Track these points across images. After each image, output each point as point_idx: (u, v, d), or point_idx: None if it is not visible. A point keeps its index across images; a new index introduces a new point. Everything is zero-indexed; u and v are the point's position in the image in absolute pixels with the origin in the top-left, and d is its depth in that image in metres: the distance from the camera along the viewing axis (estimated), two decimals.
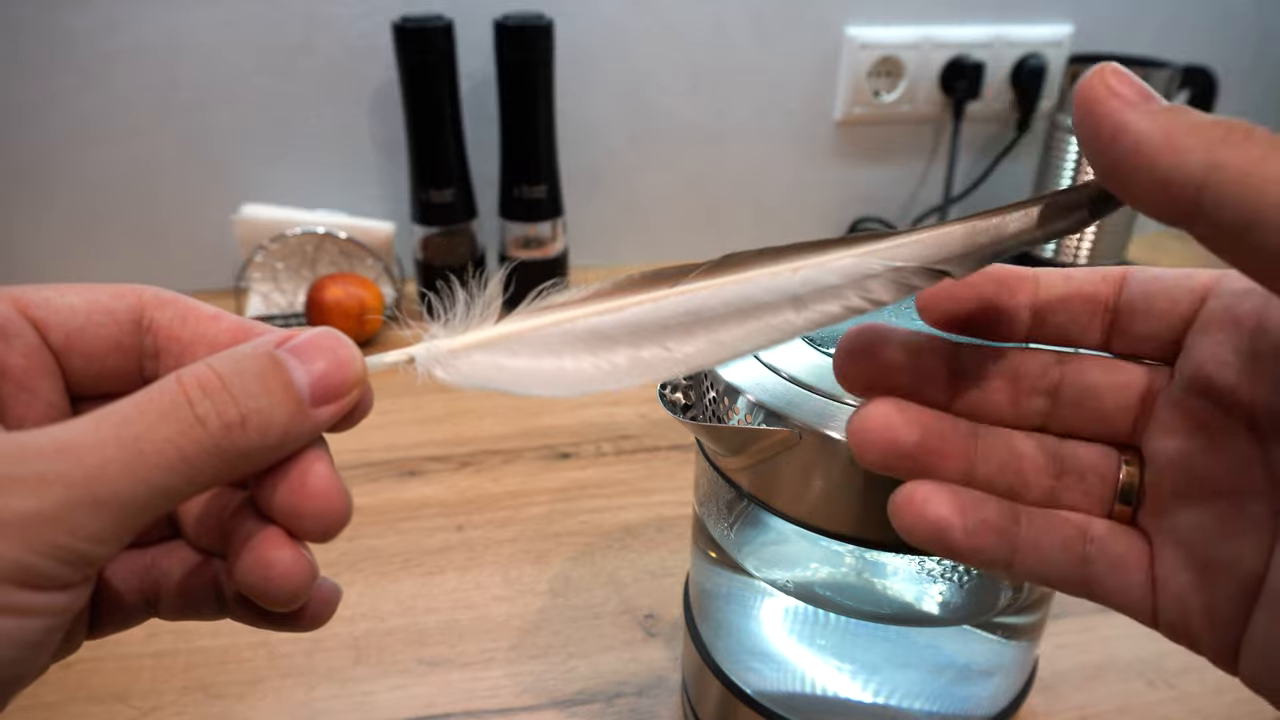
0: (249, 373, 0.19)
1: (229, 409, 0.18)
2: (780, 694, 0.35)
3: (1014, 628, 0.34)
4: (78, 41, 0.74)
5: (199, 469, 0.18)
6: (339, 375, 0.20)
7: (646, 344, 0.22)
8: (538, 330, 0.23)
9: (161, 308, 0.22)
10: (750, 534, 0.34)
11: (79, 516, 0.17)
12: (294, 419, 0.19)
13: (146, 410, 0.18)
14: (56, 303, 0.21)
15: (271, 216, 0.78)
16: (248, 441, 0.19)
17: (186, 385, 0.18)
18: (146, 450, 0.17)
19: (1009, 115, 0.92)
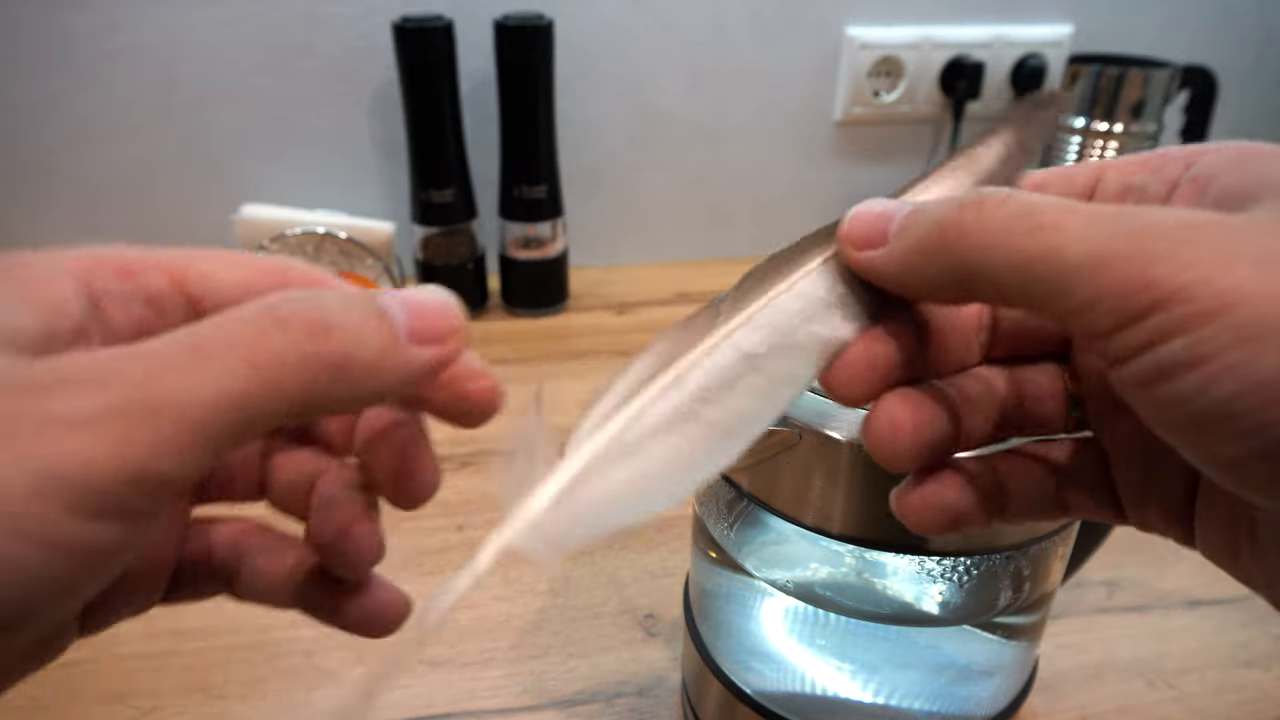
0: (340, 295, 0.18)
1: (313, 314, 0.17)
2: (780, 694, 0.35)
3: (1014, 628, 0.33)
4: (77, 41, 0.74)
5: (275, 379, 0.16)
6: (438, 320, 0.19)
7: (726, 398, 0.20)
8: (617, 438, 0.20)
9: (311, 286, 0.21)
10: (750, 534, 0.34)
11: (140, 425, 0.14)
12: (387, 347, 0.18)
13: (227, 318, 0.16)
14: (212, 279, 0.20)
15: (271, 216, 0.78)
16: (331, 352, 0.17)
17: (270, 296, 0.17)
18: (213, 354, 0.15)
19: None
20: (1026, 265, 0.16)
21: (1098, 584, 0.50)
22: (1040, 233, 0.16)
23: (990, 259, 0.17)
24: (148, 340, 0.16)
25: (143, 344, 0.16)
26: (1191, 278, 0.15)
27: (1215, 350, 0.15)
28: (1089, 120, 0.80)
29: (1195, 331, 0.15)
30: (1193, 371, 0.15)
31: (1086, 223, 0.16)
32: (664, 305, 0.84)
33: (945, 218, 0.18)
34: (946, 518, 0.21)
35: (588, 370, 0.73)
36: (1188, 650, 0.46)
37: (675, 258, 0.94)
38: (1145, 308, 0.15)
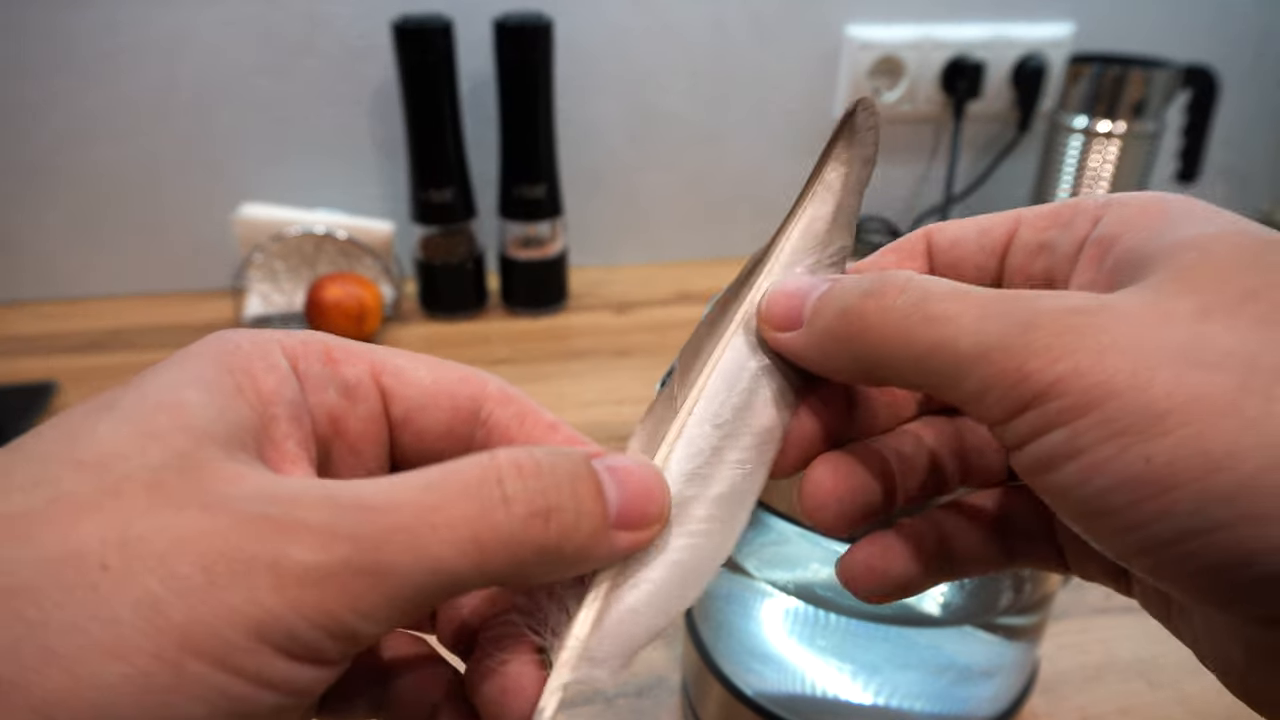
0: (563, 470, 0.17)
1: (538, 498, 0.17)
2: (781, 695, 0.34)
3: (1015, 628, 0.33)
4: (79, 41, 0.74)
5: (489, 559, 0.16)
6: (647, 505, 0.19)
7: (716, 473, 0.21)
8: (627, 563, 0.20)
9: (503, 404, 0.21)
10: (750, 535, 0.34)
11: (356, 584, 0.15)
12: (597, 534, 0.18)
13: (451, 479, 0.16)
14: (408, 375, 0.20)
15: (271, 216, 0.78)
16: (546, 539, 0.17)
17: (500, 462, 0.17)
18: (439, 524, 0.16)
19: (1009, 115, 0.92)
20: (922, 356, 0.17)
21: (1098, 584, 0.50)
22: (934, 324, 0.17)
23: (890, 349, 0.17)
24: (376, 482, 0.16)
25: (373, 489, 0.16)
26: (1065, 369, 0.15)
27: (1089, 443, 0.15)
28: (1090, 120, 0.79)
29: (1072, 424, 0.15)
30: (1071, 463, 0.15)
31: (977, 313, 0.16)
32: (664, 305, 0.84)
33: (850, 308, 0.18)
34: (890, 584, 0.21)
35: (587, 370, 0.72)
36: (1188, 651, 0.46)
37: (675, 258, 0.94)
38: (1028, 399, 0.15)
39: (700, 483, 0.21)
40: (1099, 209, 0.19)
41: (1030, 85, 0.89)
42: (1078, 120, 0.80)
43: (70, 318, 0.80)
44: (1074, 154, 0.81)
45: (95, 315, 0.80)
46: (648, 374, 0.72)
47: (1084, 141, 0.80)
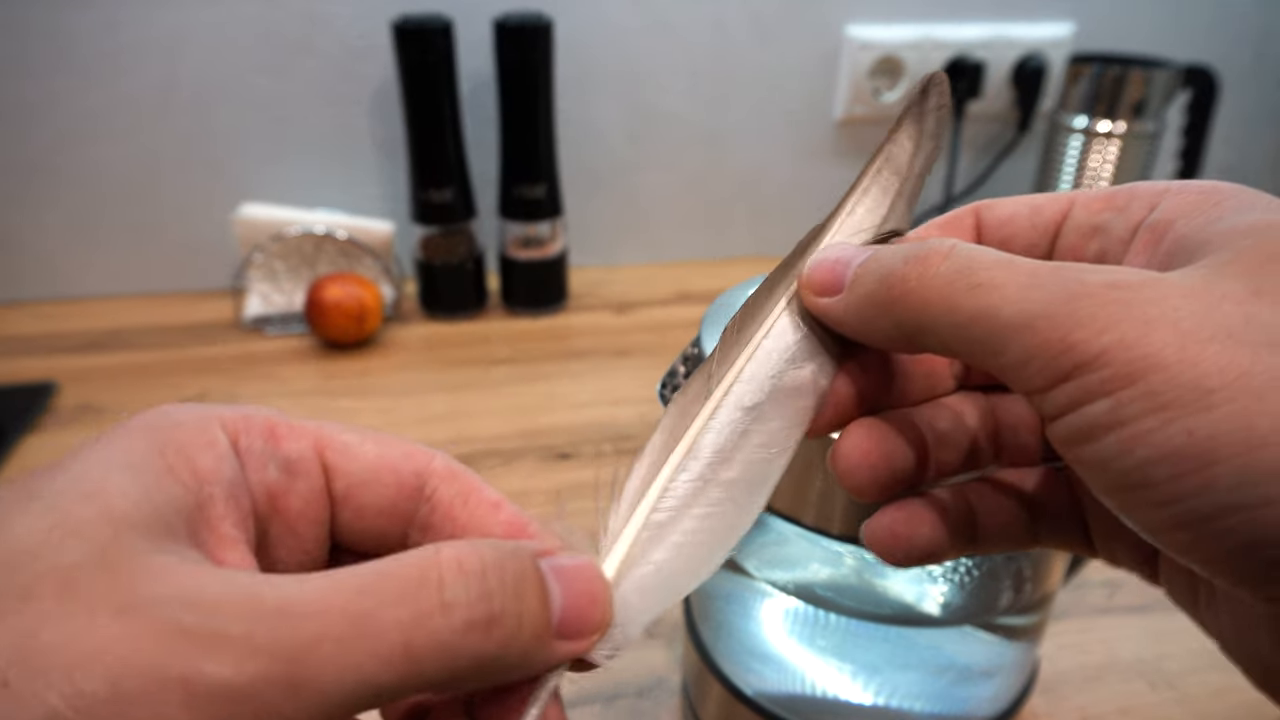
0: (509, 571, 0.17)
1: (480, 605, 0.16)
2: (781, 695, 0.34)
3: (1015, 628, 0.33)
4: (78, 41, 0.74)
5: (421, 669, 0.15)
6: (590, 611, 0.18)
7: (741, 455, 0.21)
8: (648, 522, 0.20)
9: (448, 481, 0.20)
10: (750, 535, 0.33)
11: (276, 699, 0.14)
12: (537, 641, 0.17)
13: (388, 581, 0.16)
14: (353, 450, 0.20)
15: (271, 216, 0.78)
16: (485, 650, 0.16)
17: (444, 561, 0.16)
18: (370, 633, 0.15)
19: (1009, 115, 0.92)
20: (965, 324, 0.17)
21: (1099, 584, 0.50)
22: (978, 291, 0.17)
23: (931, 316, 0.17)
24: (308, 582, 0.15)
25: (302, 591, 0.15)
26: (1110, 341, 0.15)
27: (1132, 415, 0.15)
28: (1090, 120, 0.79)
29: (1115, 394, 0.15)
30: (1111, 434, 0.15)
31: (1023, 282, 0.16)
32: (664, 305, 0.84)
33: (892, 273, 0.18)
34: (914, 550, 0.21)
35: (587, 370, 0.72)
36: (1189, 651, 0.46)
37: (675, 258, 0.94)
38: (1070, 369, 0.15)
39: (726, 466, 0.21)
40: (1155, 194, 0.19)
41: (1030, 85, 0.89)
42: (1078, 120, 0.80)
43: (70, 318, 0.80)
44: (1074, 154, 0.81)
45: (95, 315, 0.80)
46: (647, 374, 0.72)
47: (1084, 141, 0.80)
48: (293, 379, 0.70)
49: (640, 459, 0.21)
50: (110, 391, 0.68)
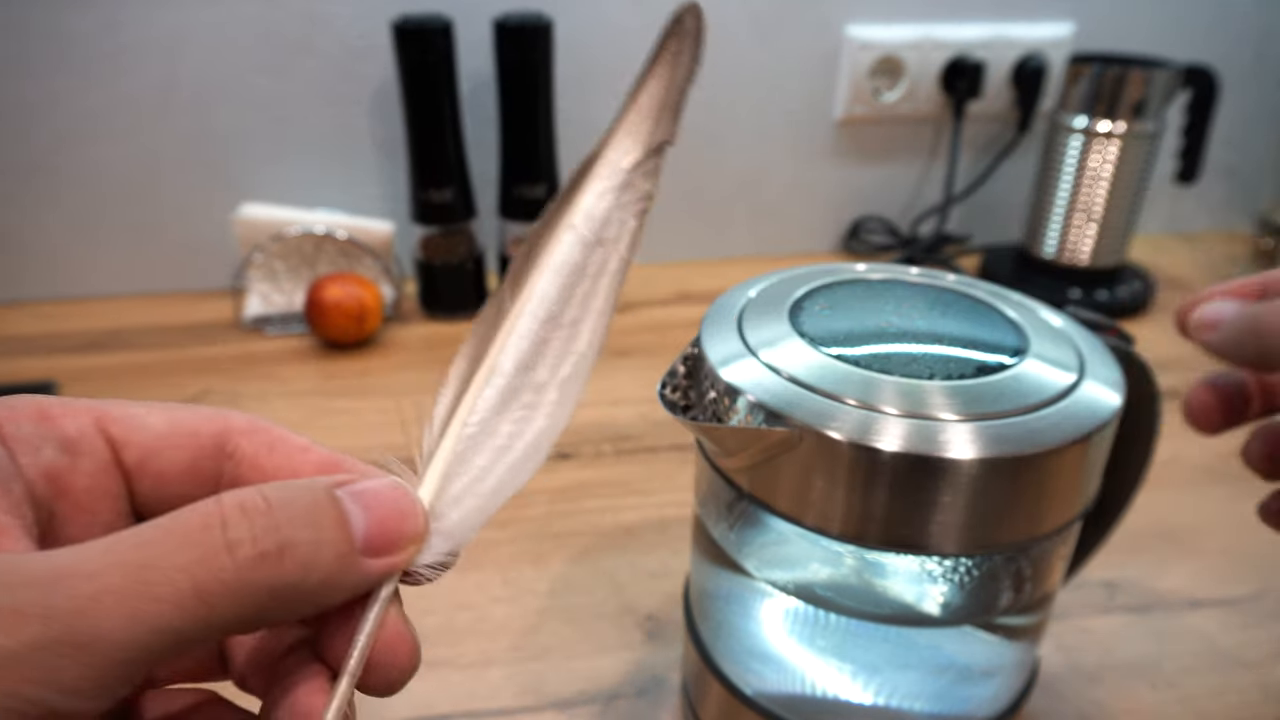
0: (299, 503, 0.17)
1: (267, 536, 0.16)
2: (781, 695, 0.34)
3: (1015, 628, 0.33)
4: (78, 41, 0.74)
5: (216, 608, 0.15)
6: (399, 525, 0.19)
7: (545, 362, 0.22)
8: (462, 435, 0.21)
9: (248, 435, 0.20)
10: (750, 534, 0.34)
11: (55, 661, 0.14)
12: (341, 563, 0.17)
13: (169, 532, 0.16)
14: (137, 419, 0.20)
15: (271, 216, 0.78)
16: (282, 578, 0.16)
17: (225, 505, 0.16)
18: (153, 580, 0.15)
19: (1009, 115, 0.92)
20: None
21: (1098, 585, 0.50)
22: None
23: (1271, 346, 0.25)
24: (83, 548, 0.15)
25: (76, 555, 0.15)
26: None
27: None
28: (1090, 120, 0.79)
29: None
30: None
31: None
32: (664, 305, 0.84)
33: (1255, 316, 0.26)
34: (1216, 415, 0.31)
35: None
36: (1189, 651, 0.46)
37: (675, 258, 0.94)
38: None
39: (529, 373, 0.22)
40: None
41: (1030, 85, 0.89)
42: (1078, 120, 0.80)
43: (70, 318, 0.80)
44: (1074, 154, 0.81)
45: (95, 315, 0.80)
46: (647, 374, 0.72)
47: (1084, 141, 0.80)
48: (293, 379, 0.70)
49: (445, 385, 0.22)
50: (110, 391, 0.68)
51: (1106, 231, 0.83)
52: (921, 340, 0.31)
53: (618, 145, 0.24)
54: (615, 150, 0.24)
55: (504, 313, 0.22)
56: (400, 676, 0.19)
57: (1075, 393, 0.29)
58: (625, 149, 0.24)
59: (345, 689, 0.18)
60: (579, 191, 0.23)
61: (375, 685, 0.19)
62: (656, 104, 0.24)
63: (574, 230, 0.23)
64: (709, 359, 0.30)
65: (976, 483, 0.26)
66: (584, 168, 0.23)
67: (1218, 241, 1.03)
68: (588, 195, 0.23)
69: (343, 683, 0.18)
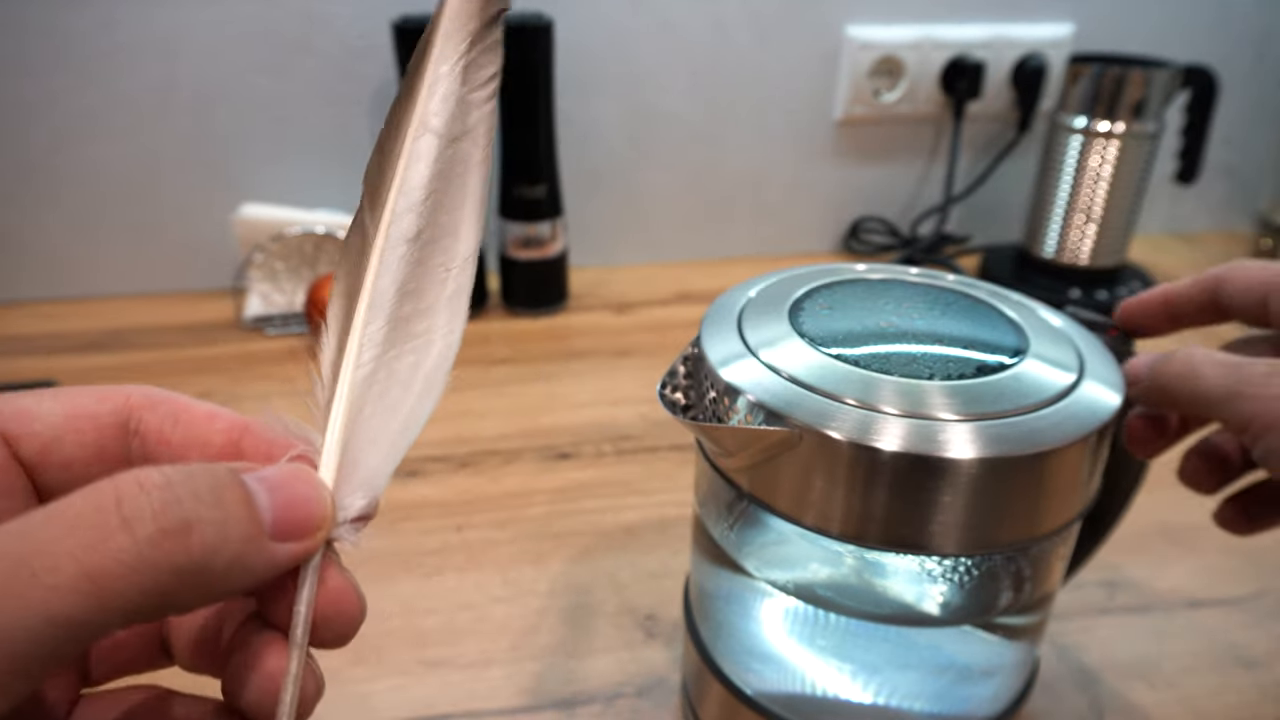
0: (201, 480, 0.16)
1: (169, 511, 0.15)
2: (781, 695, 0.34)
3: (1015, 628, 0.33)
4: (77, 40, 0.74)
5: (115, 591, 0.14)
6: (306, 509, 0.18)
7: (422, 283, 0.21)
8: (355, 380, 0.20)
9: (151, 409, 0.20)
10: (750, 534, 0.34)
11: None
12: (250, 544, 0.16)
13: (56, 517, 0.15)
14: (31, 411, 0.19)
15: (271, 216, 0.78)
16: (188, 557, 0.15)
17: (120, 484, 0.15)
18: (40, 568, 0.14)
19: (1009, 115, 0.92)
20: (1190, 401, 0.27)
21: (1098, 584, 0.50)
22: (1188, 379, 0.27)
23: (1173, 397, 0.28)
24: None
25: None
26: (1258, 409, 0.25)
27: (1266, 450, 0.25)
28: (1090, 120, 0.79)
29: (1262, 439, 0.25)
30: None
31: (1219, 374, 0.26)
32: (664, 305, 0.84)
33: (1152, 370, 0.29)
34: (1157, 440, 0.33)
35: (588, 370, 0.72)
36: (1188, 651, 0.46)
37: (675, 258, 0.94)
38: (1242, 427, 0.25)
39: (413, 298, 0.21)
40: None
41: (1030, 85, 0.89)
42: (1077, 120, 0.80)
43: (70, 318, 0.80)
44: (1074, 154, 0.81)
45: (95, 315, 0.80)
46: (647, 374, 0.72)
47: (1084, 142, 0.80)
48: (293, 379, 0.70)
49: (327, 330, 0.21)
50: None
51: (1106, 231, 0.83)
52: (921, 340, 0.31)
53: (453, 18, 0.21)
54: (452, 24, 0.22)
55: (369, 239, 0.21)
56: (350, 628, 0.19)
57: (1075, 393, 0.29)
58: (461, 22, 0.22)
59: (297, 660, 0.18)
60: (419, 83, 0.21)
61: (328, 640, 0.19)
62: None
63: (426, 128, 0.21)
64: (709, 359, 0.30)
65: (976, 483, 0.26)
66: (420, 54, 0.22)
67: (1217, 242, 1.03)
68: (434, 85, 0.21)
69: (294, 655, 0.18)
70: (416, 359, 0.20)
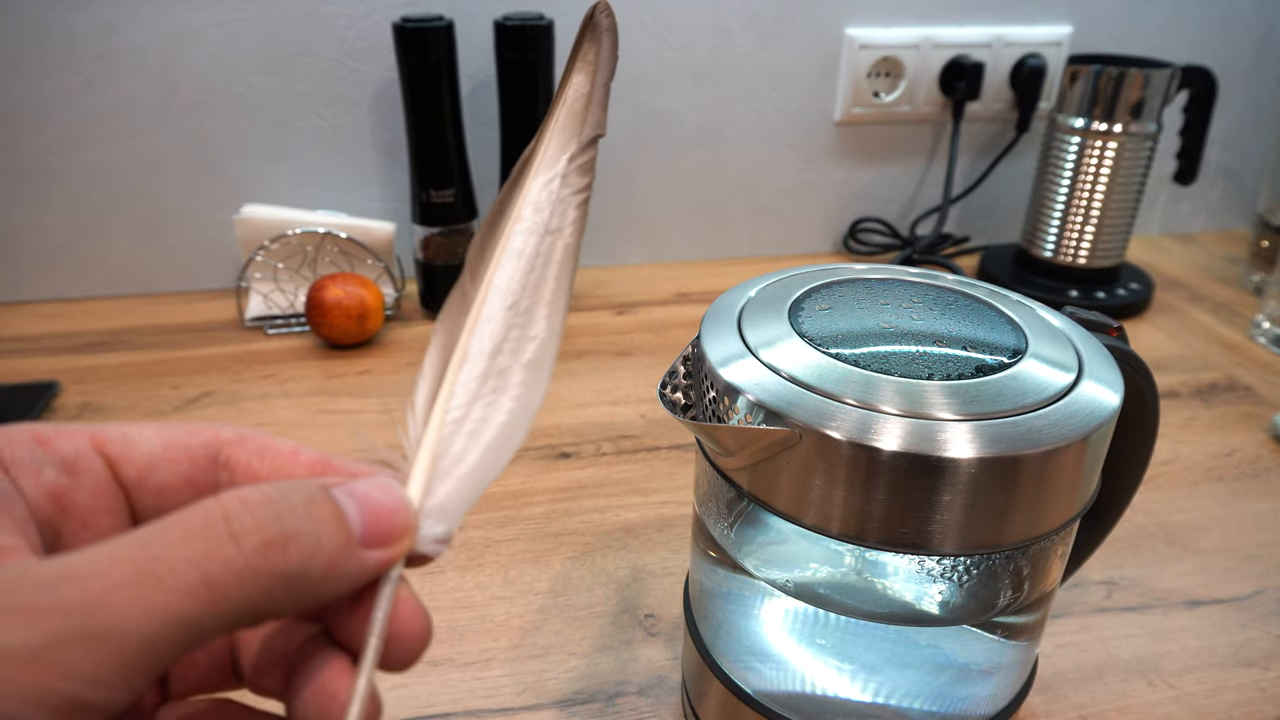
0: (297, 498, 0.18)
1: (270, 526, 0.17)
2: (780, 694, 0.35)
3: (1014, 627, 0.34)
4: (78, 41, 0.74)
5: (226, 596, 0.16)
6: (391, 519, 0.19)
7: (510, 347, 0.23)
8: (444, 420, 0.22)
9: (239, 445, 0.21)
10: (750, 534, 0.34)
11: (74, 654, 0.14)
12: (342, 552, 0.18)
13: (172, 528, 0.16)
14: (133, 438, 0.20)
15: (272, 216, 0.78)
16: (288, 566, 0.17)
17: (225, 501, 0.17)
18: (162, 573, 0.15)
19: (1009, 115, 0.93)
20: None
21: (1097, 584, 0.50)
22: None
23: None
24: (89, 550, 0.15)
25: (83, 557, 0.15)
26: None
27: None
28: (1089, 120, 0.80)
29: None
30: None
31: None
32: (664, 305, 0.85)
33: None
34: None
35: (588, 370, 0.73)
36: (1187, 650, 0.46)
37: (675, 258, 0.94)
38: None
39: (499, 357, 0.23)
40: None
41: (1029, 86, 0.89)
42: (1076, 121, 0.80)
43: (70, 318, 0.80)
44: (1072, 155, 0.81)
45: (95, 315, 0.80)
46: (647, 374, 0.72)
47: (1082, 142, 0.80)
48: (294, 379, 0.70)
49: (423, 375, 0.23)
50: (112, 391, 0.68)
51: (1105, 232, 0.83)
52: (921, 340, 0.31)
53: (553, 141, 0.25)
54: (552, 146, 0.25)
55: (468, 302, 0.24)
56: (418, 648, 0.20)
57: (1074, 393, 0.29)
58: (560, 144, 0.25)
59: (370, 663, 0.19)
60: (522, 185, 0.25)
61: (396, 659, 0.20)
62: (583, 101, 0.25)
63: (522, 221, 0.24)
64: (709, 359, 0.30)
65: (975, 482, 0.26)
66: (524, 164, 0.25)
67: (1216, 242, 1.03)
68: (531, 188, 0.24)
69: (368, 657, 0.19)
70: (490, 413, 0.22)
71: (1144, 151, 0.80)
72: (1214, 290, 0.90)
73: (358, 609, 0.19)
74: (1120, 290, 0.84)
